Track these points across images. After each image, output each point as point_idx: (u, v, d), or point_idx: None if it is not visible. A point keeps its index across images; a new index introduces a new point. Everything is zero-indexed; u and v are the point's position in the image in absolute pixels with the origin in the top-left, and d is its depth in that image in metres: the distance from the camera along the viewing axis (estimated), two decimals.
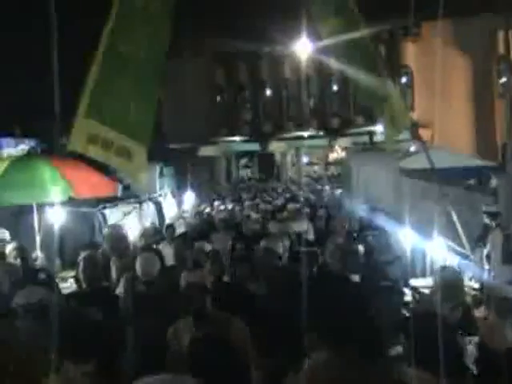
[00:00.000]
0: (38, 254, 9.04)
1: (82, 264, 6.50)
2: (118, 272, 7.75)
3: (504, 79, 33.83)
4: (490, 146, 34.02)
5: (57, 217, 8.42)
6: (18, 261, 7.87)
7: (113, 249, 8.39)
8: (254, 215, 14.19)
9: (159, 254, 7.72)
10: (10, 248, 8.32)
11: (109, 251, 8.46)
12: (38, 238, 9.14)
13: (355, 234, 11.12)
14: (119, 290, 6.77)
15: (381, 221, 11.26)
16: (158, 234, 11.61)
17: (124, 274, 6.97)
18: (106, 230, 9.66)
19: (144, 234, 11.20)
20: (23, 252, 8.17)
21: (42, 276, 7.04)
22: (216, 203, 21.09)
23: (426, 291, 7.70)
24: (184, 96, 45.95)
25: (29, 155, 9.00)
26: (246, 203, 19.70)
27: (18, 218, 10.28)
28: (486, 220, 9.55)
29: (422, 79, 39.22)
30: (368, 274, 7.25)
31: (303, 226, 11.78)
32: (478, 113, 38.52)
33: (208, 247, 9.37)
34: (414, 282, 8.87)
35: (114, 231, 9.21)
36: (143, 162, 4.98)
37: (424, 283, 8.74)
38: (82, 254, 7.01)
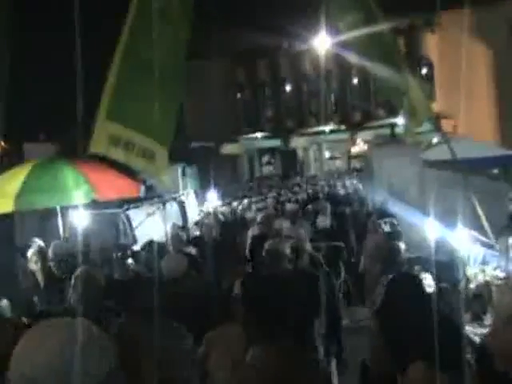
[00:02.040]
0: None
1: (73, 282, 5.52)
2: None
3: None
4: None
5: (81, 219, 8.46)
6: (39, 265, 7.82)
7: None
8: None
9: (187, 255, 7.66)
10: (30, 252, 8.31)
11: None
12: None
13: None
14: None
15: (407, 214, 11.21)
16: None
17: None
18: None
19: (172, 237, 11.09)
20: (43, 256, 8.15)
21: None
22: (236, 202, 21.09)
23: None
24: (205, 95, 46.05)
25: (51, 158, 9.02)
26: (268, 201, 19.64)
27: (43, 222, 10.35)
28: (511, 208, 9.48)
29: (443, 69, 38.96)
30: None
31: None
32: (500, 101, 38.22)
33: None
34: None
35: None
36: (165, 162, 5.01)
37: None
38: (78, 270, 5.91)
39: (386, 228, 10.68)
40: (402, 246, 9.28)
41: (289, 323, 3.59)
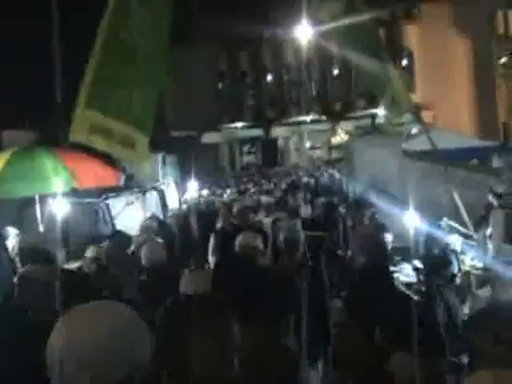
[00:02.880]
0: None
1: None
2: None
3: (504, 59, 33.67)
4: (492, 126, 34.03)
5: (60, 208, 8.38)
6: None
7: None
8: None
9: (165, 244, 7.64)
10: (12, 242, 8.26)
11: None
12: (41, 230, 9.10)
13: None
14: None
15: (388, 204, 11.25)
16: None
17: None
18: None
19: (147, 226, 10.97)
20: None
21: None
22: (217, 192, 21.07)
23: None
24: (186, 83, 45.87)
25: (31, 147, 8.95)
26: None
27: (21, 211, 10.26)
28: (490, 199, 9.53)
29: (423, 61, 39.12)
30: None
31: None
32: (479, 93, 38.48)
33: None
34: (418, 263, 8.89)
35: None
36: (146, 150, 4.98)
37: None
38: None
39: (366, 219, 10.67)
40: (389, 237, 9.30)
41: (264, 312, 3.59)
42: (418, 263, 8.83)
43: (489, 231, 9.05)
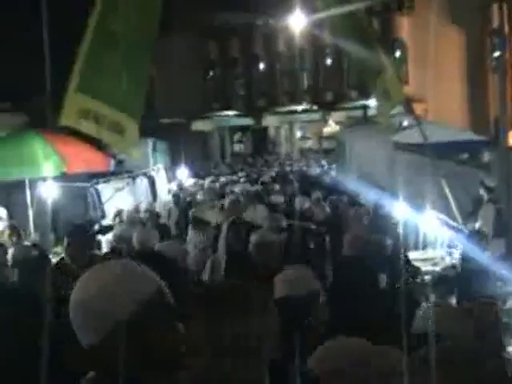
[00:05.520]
0: (31, 229, 9.00)
1: None
2: None
3: (497, 53, 33.67)
4: (483, 120, 34.06)
5: (50, 192, 8.35)
6: (14, 239, 7.82)
7: None
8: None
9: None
10: (2, 226, 8.26)
11: None
12: (30, 214, 9.09)
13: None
14: None
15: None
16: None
17: None
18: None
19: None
20: (16, 230, 8.13)
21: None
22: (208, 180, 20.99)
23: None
24: (176, 71, 45.67)
25: (21, 130, 8.92)
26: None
27: (10, 194, 10.22)
28: (482, 192, 9.56)
29: (416, 53, 39.07)
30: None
31: None
32: (471, 87, 38.53)
33: None
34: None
35: None
36: (135, 136, 4.95)
37: (416, 256, 8.79)
38: None
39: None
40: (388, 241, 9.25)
41: None
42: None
43: (478, 225, 9.08)
